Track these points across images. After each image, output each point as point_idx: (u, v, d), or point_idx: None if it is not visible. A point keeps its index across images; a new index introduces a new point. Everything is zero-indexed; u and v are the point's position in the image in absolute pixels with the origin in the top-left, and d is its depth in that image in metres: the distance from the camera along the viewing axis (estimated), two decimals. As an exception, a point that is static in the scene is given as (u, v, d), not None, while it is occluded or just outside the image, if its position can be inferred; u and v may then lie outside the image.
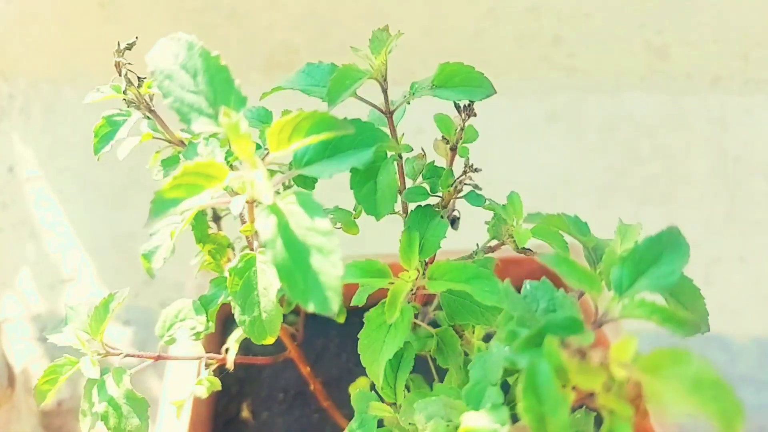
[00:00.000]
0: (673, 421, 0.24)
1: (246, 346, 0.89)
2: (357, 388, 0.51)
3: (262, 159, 0.36)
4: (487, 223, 0.53)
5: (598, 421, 0.32)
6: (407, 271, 0.43)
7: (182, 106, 0.39)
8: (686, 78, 1.72)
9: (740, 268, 1.53)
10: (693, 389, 0.24)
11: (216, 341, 0.83)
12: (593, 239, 0.37)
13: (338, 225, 0.59)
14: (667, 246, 0.32)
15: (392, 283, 0.42)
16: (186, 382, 0.73)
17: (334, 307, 0.32)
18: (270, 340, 0.43)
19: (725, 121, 1.64)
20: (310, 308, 0.33)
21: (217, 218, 0.61)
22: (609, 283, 0.33)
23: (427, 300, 0.65)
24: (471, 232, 0.57)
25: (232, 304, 0.42)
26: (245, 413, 0.82)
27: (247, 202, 0.38)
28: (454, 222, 0.59)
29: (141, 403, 0.44)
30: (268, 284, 0.43)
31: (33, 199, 1.56)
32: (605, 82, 1.72)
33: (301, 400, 0.84)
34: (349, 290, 0.44)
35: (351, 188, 0.43)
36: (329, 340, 0.92)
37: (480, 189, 0.55)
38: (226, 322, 0.92)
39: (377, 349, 0.42)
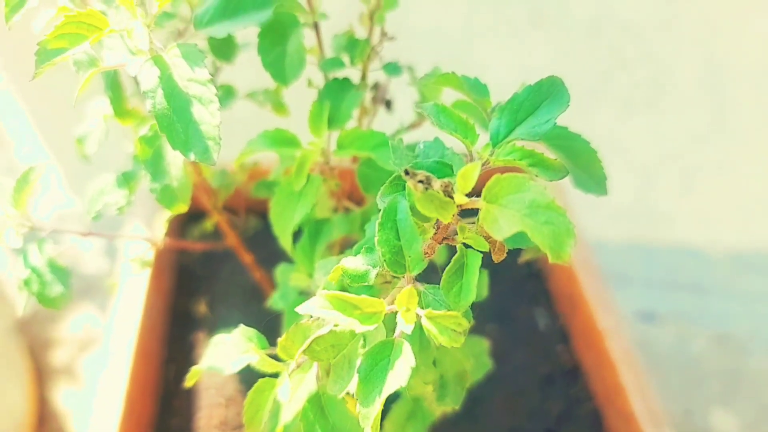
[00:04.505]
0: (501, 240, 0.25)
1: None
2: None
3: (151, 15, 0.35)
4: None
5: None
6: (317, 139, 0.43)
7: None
8: (679, -24, 1.64)
9: (720, 178, 1.52)
10: (528, 214, 0.25)
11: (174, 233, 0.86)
12: (490, 102, 0.37)
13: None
14: (547, 95, 0.32)
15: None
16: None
17: (214, 157, 0.33)
18: (182, 208, 0.43)
19: (716, 25, 1.58)
20: (191, 158, 0.33)
21: (153, 103, 0.61)
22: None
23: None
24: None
25: (144, 172, 0.43)
26: (202, 308, 0.84)
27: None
28: (388, 104, 0.59)
29: (63, 272, 0.46)
30: (178, 153, 0.43)
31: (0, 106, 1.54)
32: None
33: (257, 297, 0.86)
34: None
35: (258, 54, 0.42)
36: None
37: (413, 69, 0.54)
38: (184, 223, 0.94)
39: (288, 217, 0.43)
